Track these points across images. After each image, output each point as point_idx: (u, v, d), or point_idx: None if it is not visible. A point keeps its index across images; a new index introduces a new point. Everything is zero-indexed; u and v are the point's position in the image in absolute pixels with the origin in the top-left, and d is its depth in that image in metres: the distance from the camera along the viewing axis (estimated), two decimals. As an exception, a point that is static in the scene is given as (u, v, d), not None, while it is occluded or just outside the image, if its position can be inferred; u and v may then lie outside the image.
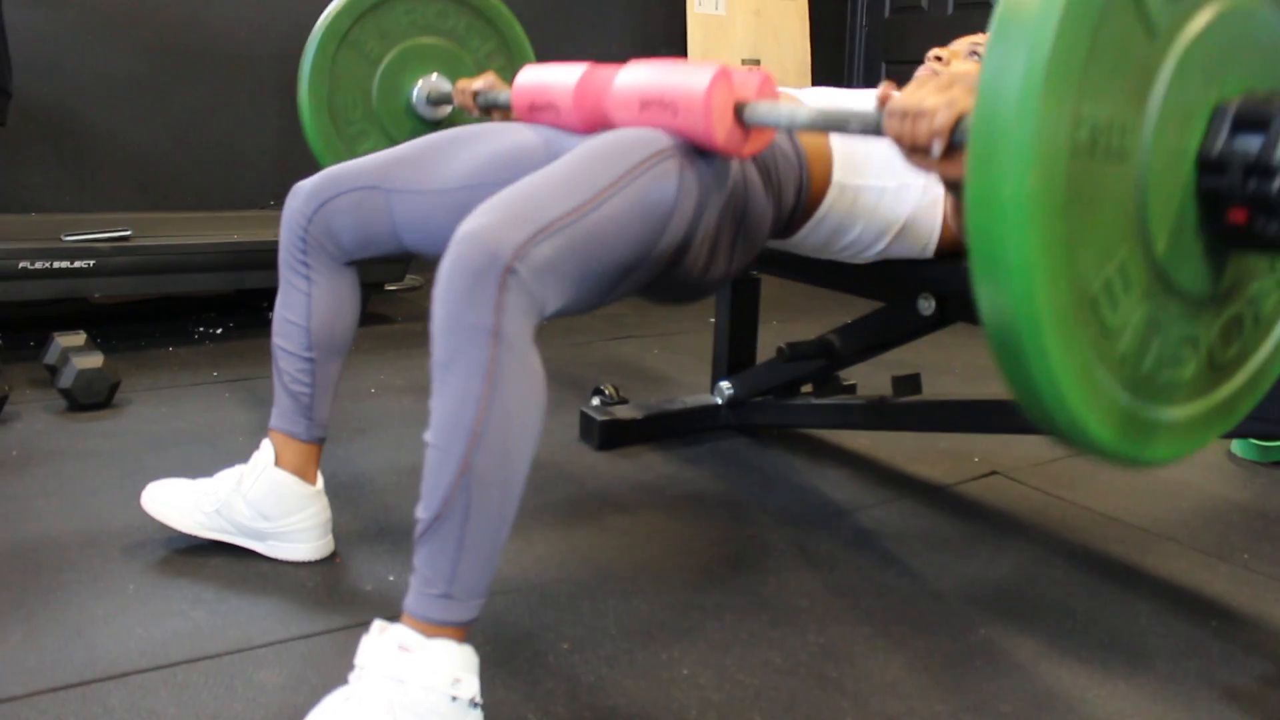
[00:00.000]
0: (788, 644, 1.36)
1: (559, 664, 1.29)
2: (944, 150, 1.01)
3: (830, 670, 1.31)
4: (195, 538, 1.53)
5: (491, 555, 1.07)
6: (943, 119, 1.00)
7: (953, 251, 1.57)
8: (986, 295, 0.82)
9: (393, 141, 2.19)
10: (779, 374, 2.07)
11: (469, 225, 1.05)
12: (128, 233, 2.71)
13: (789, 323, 3.12)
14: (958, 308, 1.70)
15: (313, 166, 2.43)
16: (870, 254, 1.57)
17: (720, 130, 1.25)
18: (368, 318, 3.15)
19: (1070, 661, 1.35)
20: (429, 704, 1.03)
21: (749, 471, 1.99)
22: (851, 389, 2.16)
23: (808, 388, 2.17)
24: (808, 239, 1.53)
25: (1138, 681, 1.31)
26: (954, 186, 1.11)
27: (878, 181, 1.48)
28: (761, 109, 1.25)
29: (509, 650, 1.31)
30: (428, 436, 1.04)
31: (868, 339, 1.89)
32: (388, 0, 2.01)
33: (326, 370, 1.50)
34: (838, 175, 1.47)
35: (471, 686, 1.06)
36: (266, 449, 1.50)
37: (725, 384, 2.18)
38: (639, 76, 1.34)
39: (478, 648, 1.10)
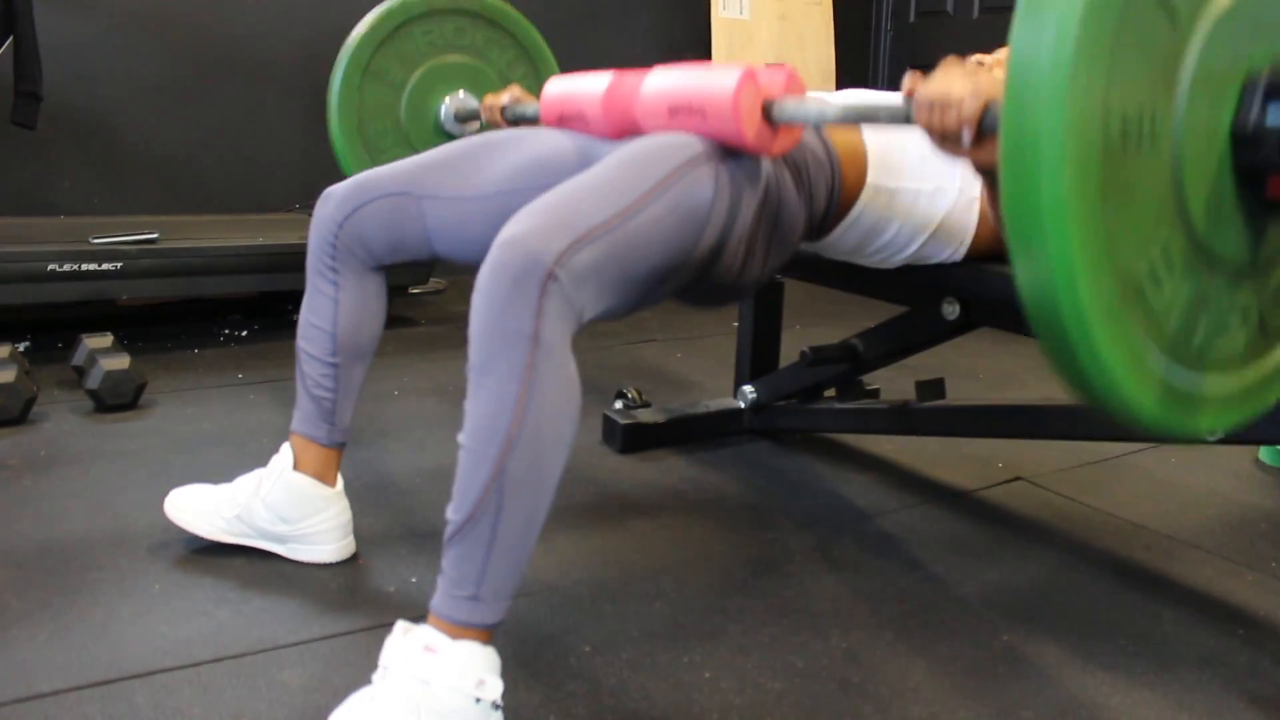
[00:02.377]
0: (810, 648, 1.36)
1: (580, 666, 1.29)
2: (974, 138, 1.03)
3: (853, 675, 1.30)
4: (219, 541, 1.54)
5: (520, 559, 1.07)
6: (970, 107, 1.02)
7: (985, 254, 1.56)
8: (1030, 293, 0.82)
9: None
10: (802, 378, 2.07)
11: (510, 231, 1.05)
12: (154, 235, 2.74)
13: (812, 327, 3.11)
14: (983, 312, 1.69)
15: (340, 172, 2.43)
16: (903, 256, 1.56)
17: (750, 130, 1.26)
18: (391, 320, 3.15)
19: (1094, 669, 1.34)
20: (453, 705, 1.03)
21: (772, 476, 1.99)
22: (875, 394, 2.16)
23: (831, 392, 2.16)
24: (841, 241, 1.52)
25: (1163, 689, 1.30)
26: (987, 173, 1.11)
27: (914, 184, 1.48)
28: (789, 106, 1.26)
29: (530, 652, 1.31)
30: (462, 438, 1.05)
31: (891, 343, 1.88)
32: (404, 26, 2.03)
33: (350, 375, 1.51)
34: (872, 177, 1.46)
35: (495, 688, 1.06)
36: (285, 453, 1.51)
37: (748, 388, 2.18)
38: (666, 82, 1.34)
39: (498, 649, 1.10)
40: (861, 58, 4.74)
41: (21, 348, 2.69)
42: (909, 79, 1.11)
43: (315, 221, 1.48)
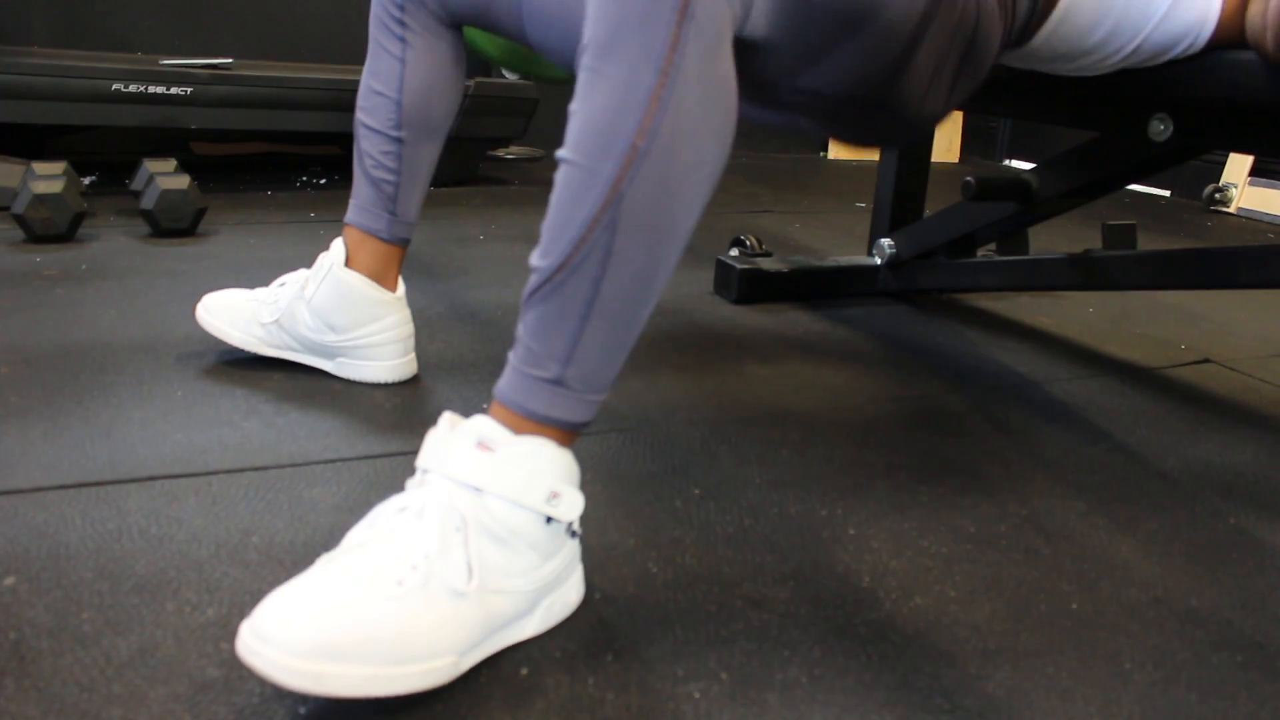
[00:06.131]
0: (981, 512, 1.06)
1: (689, 511, 1.01)
2: None
3: (1040, 546, 1.00)
4: (257, 354, 1.29)
5: (625, 335, 0.77)
6: None
7: (1232, 45, 1.20)
8: None
9: None
10: (952, 227, 1.74)
11: None
12: (229, 61, 2.49)
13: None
14: (1205, 130, 1.33)
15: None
16: (1116, 60, 1.20)
17: None
18: (482, 179, 2.90)
19: (1357, 565, 1.02)
20: (514, 523, 0.75)
21: (914, 336, 1.68)
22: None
23: (985, 251, 1.84)
24: (1042, 49, 1.18)
25: None
26: None
27: None
28: None
29: (623, 491, 1.04)
30: (564, 152, 0.74)
31: (1073, 178, 1.54)
32: None
33: (417, 154, 1.23)
34: None
35: (573, 505, 0.77)
36: (336, 248, 1.24)
37: (886, 241, 1.85)
38: None
39: (582, 485, 0.81)
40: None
41: (87, 182, 2.49)
42: None
43: None
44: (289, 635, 0.64)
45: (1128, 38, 1.17)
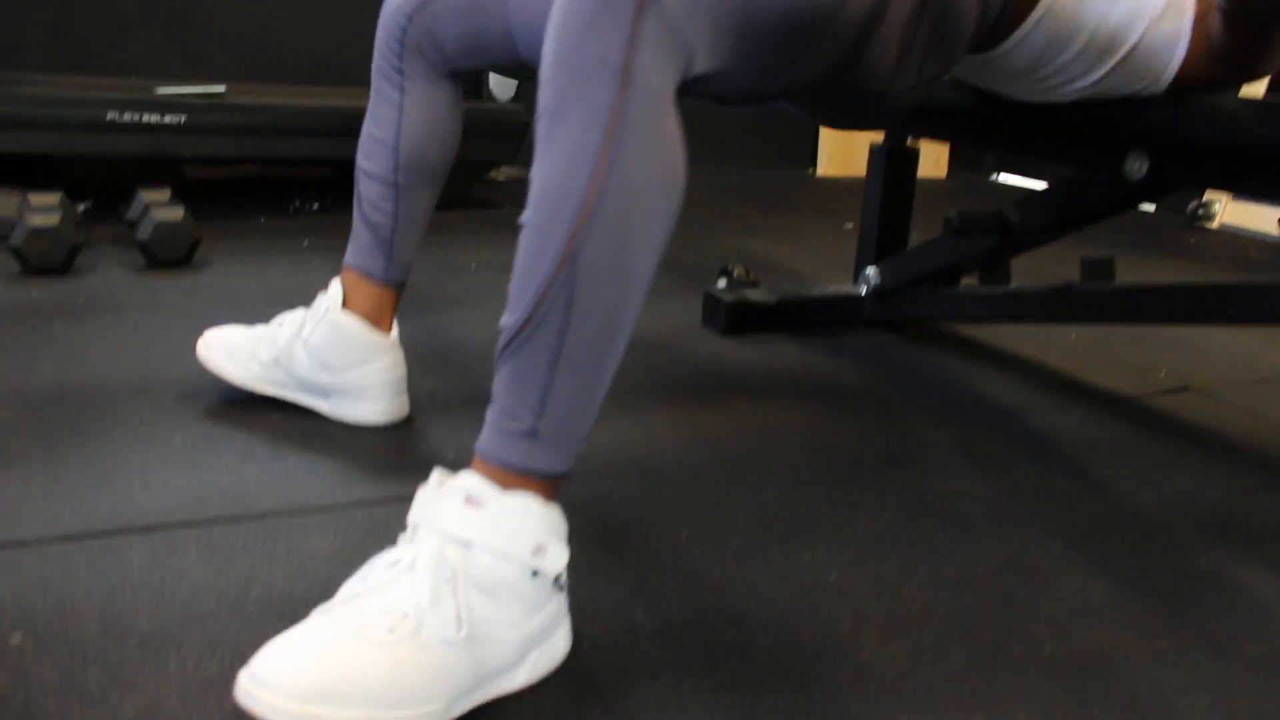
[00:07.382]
0: (960, 554, 1.09)
1: (675, 557, 1.04)
2: None
3: (1017, 588, 1.03)
4: (254, 392, 1.32)
5: (595, 385, 0.81)
6: None
7: (1194, 86, 1.23)
8: None
9: None
10: (936, 258, 1.77)
11: None
12: (222, 89, 2.52)
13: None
14: (1180, 167, 1.36)
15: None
16: (1083, 84, 1.24)
17: None
18: (473, 203, 2.93)
19: (1324, 602, 1.05)
20: (501, 576, 0.78)
21: (899, 367, 1.71)
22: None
23: (967, 282, 1.87)
24: (1010, 58, 1.21)
25: None
26: None
27: None
28: None
29: (612, 536, 1.07)
30: (525, 215, 0.78)
31: (1055, 213, 1.57)
32: None
33: (413, 200, 1.26)
34: None
35: (558, 559, 0.80)
36: (334, 289, 1.28)
37: (871, 271, 1.88)
38: None
39: (573, 530, 0.85)
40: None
41: (82, 208, 2.51)
42: None
43: (383, 14, 1.24)
44: (286, 680, 0.68)
45: (1089, 65, 1.20)
